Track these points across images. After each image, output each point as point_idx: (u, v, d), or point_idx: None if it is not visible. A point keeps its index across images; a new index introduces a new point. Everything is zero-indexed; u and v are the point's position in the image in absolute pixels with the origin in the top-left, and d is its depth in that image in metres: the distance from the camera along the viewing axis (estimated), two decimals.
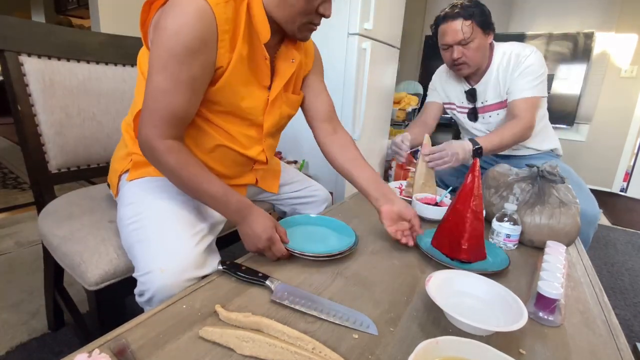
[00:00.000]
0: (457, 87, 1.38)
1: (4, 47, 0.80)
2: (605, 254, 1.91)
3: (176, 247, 0.62)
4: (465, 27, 1.16)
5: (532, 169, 0.87)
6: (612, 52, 2.97)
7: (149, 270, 0.59)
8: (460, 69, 1.26)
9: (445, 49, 1.25)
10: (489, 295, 0.56)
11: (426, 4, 3.70)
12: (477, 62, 1.23)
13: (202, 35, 0.59)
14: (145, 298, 0.60)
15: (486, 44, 1.22)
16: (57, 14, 4.63)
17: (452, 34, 1.18)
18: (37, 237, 1.59)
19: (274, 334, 0.46)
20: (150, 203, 0.68)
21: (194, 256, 0.62)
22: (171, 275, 0.58)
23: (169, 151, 0.62)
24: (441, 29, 1.22)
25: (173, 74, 0.59)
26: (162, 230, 0.64)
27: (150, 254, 0.61)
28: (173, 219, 0.66)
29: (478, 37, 1.18)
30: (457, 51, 1.20)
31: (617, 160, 3.10)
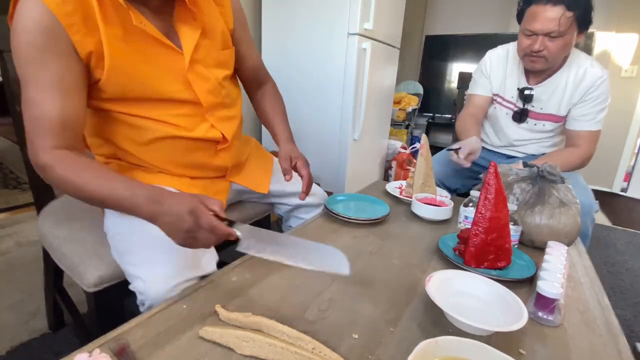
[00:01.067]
0: (514, 79, 1.22)
1: (3, 48, 0.80)
2: (606, 254, 1.91)
3: (165, 251, 0.59)
4: (564, 18, 0.98)
5: (532, 169, 0.87)
6: (612, 52, 2.96)
7: (142, 279, 0.58)
8: (534, 62, 1.09)
9: (528, 34, 1.06)
10: (489, 295, 0.56)
11: (426, 4, 3.70)
12: (557, 60, 1.08)
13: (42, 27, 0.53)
14: (146, 307, 0.59)
15: (573, 43, 1.07)
16: None
17: (546, 21, 1.00)
18: (38, 238, 1.59)
19: (274, 334, 0.46)
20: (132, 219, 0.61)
21: (185, 258, 0.60)
22: (166, 280, 0.57)
23: (56, 161, 0.55)
24: (532, 11, 1.03)
25: (35, 81, 0.55)
26: (148, 236, 0.60)
27: (139, 264, 0.60)
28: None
29: (571, 33, 1.02)
30: (541, 42, 1.03)
31: (618, 160, 3.10)
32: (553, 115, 1.20)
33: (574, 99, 1.14)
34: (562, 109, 1.17)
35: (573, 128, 1.18)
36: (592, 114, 1.14)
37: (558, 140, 1.30)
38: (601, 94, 1.12)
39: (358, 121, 1.86)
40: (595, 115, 1.14)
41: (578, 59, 1.14)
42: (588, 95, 1.12)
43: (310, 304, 0.54)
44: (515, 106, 1.25)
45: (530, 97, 1.19)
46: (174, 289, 0.57)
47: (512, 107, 1.26)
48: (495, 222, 0.66)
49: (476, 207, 0.67)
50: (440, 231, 0.87)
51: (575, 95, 1.14)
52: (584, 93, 1.12)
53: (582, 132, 1.16)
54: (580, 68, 1.13)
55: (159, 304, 0.56)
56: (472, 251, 0.67)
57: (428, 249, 0.76)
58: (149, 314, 0.50)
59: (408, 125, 3.17)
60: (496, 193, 0.66)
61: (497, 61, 1.27)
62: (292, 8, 1.85)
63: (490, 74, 1.28)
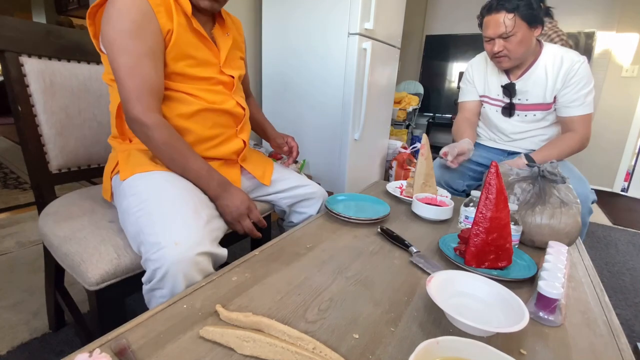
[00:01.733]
0: (495, 78, 1.33)
1: (4, 48, 0.80)
2: (606, 254, 1.91)
3: (187, 222, 0.64)
4: (507, 20, 1.12)
5: (532, 168, 0.87)
6: (613, 51, 2.96)
7: (162, 245, 0.60)
8: (500, 62, 1.22)
9: (487, 40, 1.21)
10: (490, 295, 0.56)
11: (426, 4, 3.70)
12: (519, 55, 1.19)
13: (143, 10, 0.69)
14: (157, 279, 0.60)
15: (531, 38, 1.17)
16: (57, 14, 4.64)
17: (494, 26, 1.15)
18: (38, 237, 1.59)
19: (275, 334, 0.46)
20: (151, 192, 0.69)
21: (204, 231, 0.64)
22: (186, 249, 0.60)
23: (156, 126, 0.70)
24: (485, 21, 1.19)
25: (133, 50, 0.68)
26: (170, 210, 0.66)
27: (161, 231, 0.62)
28: (179, 201, 0.68)
29: (522, 31, 1.14)
30: (498, 44, 1.17)
31: (618, 160, 3.10)
32: (540, 104, 1.27)
33: (557, 84, 1.22)
34: (548, 96, 1.24)
35: (565, 115, 1.24)
36: (580, 99, 1.20)
37: (554, 132, 1.33)
38: (583, 77, 1.19)
39: (358, 121, 1.86)
40: (584, 99, 1.21)
41: (552, 50, 1.23)
42: (570, 80, 1.20)
43: (310, 304, 0.54)
44: (502, 102, 1.34)
45: (514, 91, 1.28)
46: (195, 258, 0.60)
47: (499, 103, 1.34)
48: (496, 222, 0.66)
49: (477, 207, 0.67)
50: (440, 231, 0.87)
51: (558, 81, 1.21)
52: (565, 77, 1.20)
53: (575, 117, 1.22)
54: (557, 56, 1.21)
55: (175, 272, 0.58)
56: (473, 251, 0.67)
57: (429, 249, 0.76)
58: (150, 313, 0.50)
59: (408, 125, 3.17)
60: (497, 193, 0.65)
61: (477, 67, 1.40)
62: (292, 8, 1.85)
63: (474, 80, 1.41)
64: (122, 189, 0.73)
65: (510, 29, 1.13)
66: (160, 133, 0.71)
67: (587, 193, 1.13)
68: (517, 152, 1.37)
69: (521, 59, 1.21)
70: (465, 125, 1.40)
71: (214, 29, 0.87)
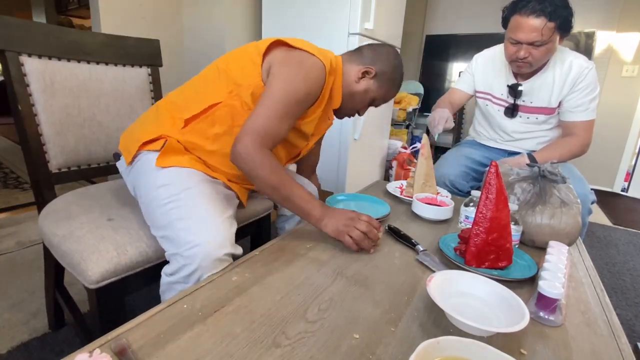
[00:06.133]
0: (502, 78, 1.29)
1: (4, 48, 0.80)
2: (607, 254, 1.91)
3: (217, 223, 0.68)
4: (546, 28, 1.02)
5: (533, 168, 0.87)
6: (613, 51, 2.96)
7: (195, 243, 0.63)
8: (520, 67, 1.16)
9: (513, 43, 1.12)
10: (490, 295, 0.55)
11: (426, 4, 3.70)
12: (540, 64, 1.14)
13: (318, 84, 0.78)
14: (185, 273, 0.63)
15: (556, 48, 1.13)
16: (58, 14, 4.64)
17: (529, 32, 1.04)
18: (38, 237, 1.59)
19: None
20: (186, 186, 0.72)
21: (229, 232, 0.68)
22: (214, 248, 0.64)
23: (269, 155, 0.72)
24: (516, 21, 1.07)
25: (288, 111, 0.74)
26: (202, 208, 0.69)
27: (196, 228, 0.66)
28: (208, 201, 0.71)
29: (553, 41, 1.07)
30: (525, 50, 1.09)
31: (618, 160, 3.10)
32: (544, 108, 1.25)
33: (564, 90, 1.19)
34: (553, 101, 1.23)
35: (568, 119, 1.23)
36: (584, 105, 1.18)
37: (556, 135, 1.33)
38: (590, 84, 1.16)
39: (358, 121, 1.86)
40: (588, 105, 1.19)
41: (562, 54, 1.20)
42: (577, 85, 1.17)
43: (311, 304, 0.54)
44: (505, 102, 1.31)
45: (520, 93, 1.25)
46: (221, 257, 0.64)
47: (503, 103, 1.32)
48: (496, 221, 0.66)
49: (477, 207, 0.67)
50: (441, 231, 0.87)
51: (565, 87, 1.19)
52: (573, 84, 1.17)
53: (578, 122, 1.20)
54: (565, 62, 1.18)
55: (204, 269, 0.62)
56: (473, 251, 0.67)
57: (429, 249, 0.76)
58: (150, 313, 0.50)
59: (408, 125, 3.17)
60: (497, 193, 0.65)
61: (483, 62, 1.36)
62: (292, 8, 1.85)
63: (475, 73, 1.38)
64: (152, 174, 0.75)
65: (546, 38, 1.04)
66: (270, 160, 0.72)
67: (586, 193, 1.13)
68: (518, 153, 1.37)
69: (539, 66, 1.16)
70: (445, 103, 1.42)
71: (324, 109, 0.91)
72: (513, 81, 1.26)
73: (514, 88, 1.25)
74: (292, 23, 1.86)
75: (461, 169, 1.36)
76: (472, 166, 1.40)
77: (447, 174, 1.36)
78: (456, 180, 1.37)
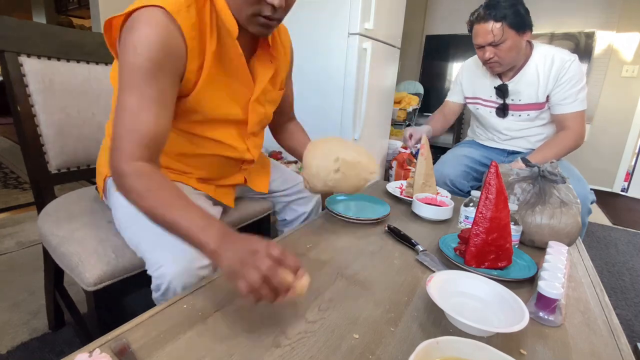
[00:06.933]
0: (487, 81, 1.36)
1: (3, 48, 0.80)
2: (607, 254, 1.91)
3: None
4: (495, 29, 1.15)
5: (532, 168, 0.87)
6: (613, 51, 2.96)
7: (160, 264, 0.61)
8: (492, 67, 1.25)
9: (478, 48, 1.25)
10: (490, 295, 0.55)
11: (427, 4, 3.70)
12: (510, 61, 1.22)
13: (167, 47, 0.56)
14: (161, 292, 0.61)
15: (521, 43, 1.20)
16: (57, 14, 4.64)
17: (483, 35, 1.18)
18: (38, 237, 1.59)
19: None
20: None
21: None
22: (184, 264, 0.60)
23: (137, 174, 0.55)
24: (474, 29, 1.22)
25: (140, 91, 0.56)
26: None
27: (158, 248, 0.62)
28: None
29: (511, 38, 1.16)
30: (489, 51, 1.20)
31: (618, 160, 3.10)
32: (533, 104, 1.29)
33: (550, 84, 1.23)
34: (540, 95, 1.26)
35: (558, 112, 1.25)
36: (572, 96, 1.21)
37: (551, 131, 1.35)
38: (574, 75, 1.19)
39: (358, 121, 1.86)
40: (576, 96, 1.21)
41: (543, 49, 1.25)
42: (561, 78, 1.21)
43: (310, 304, 0.54)
44: (495, 103, 1.36)
45: (507, 92, 1.30)
46: (195, 272, 0.61)
47: (492, 104, 1.37)
48: (496, 222, 0.66)
49: (477, 207, 0.67)
50: (440, 231, 0.87)
51: (549, 80, 1.23)
52: (557, 76, 1.21)
53: (568, 114, 1.23)
54: (547, 56, 1.23)
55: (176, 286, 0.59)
56: (473, 251, 0.67)
57: (429, 249, 0.76)
58: (150, 313, 0.50)
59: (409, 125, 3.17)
60: (497, 193, 0.65)
61: (467, 69, 1.44)
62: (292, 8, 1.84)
63: (462, 81, 1.45)
64: (114, 198, 0.73)
65: (499, 38, 1.15)
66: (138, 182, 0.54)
67: (585, 193, 1.14)
68: (517, 151, 1.39)
69: (512, 64, 1.23)
70: (438, 117, 1.51)
71: (256, 55, 0.74)
72: (499, 82, 1.32)
73: (501, 89, 1.30)
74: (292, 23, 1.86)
75: (461, 169, 1.37)
76: (472, 166, 1.40)
77: (448, 174, 1.36)
78: (456, 180, 1.37)
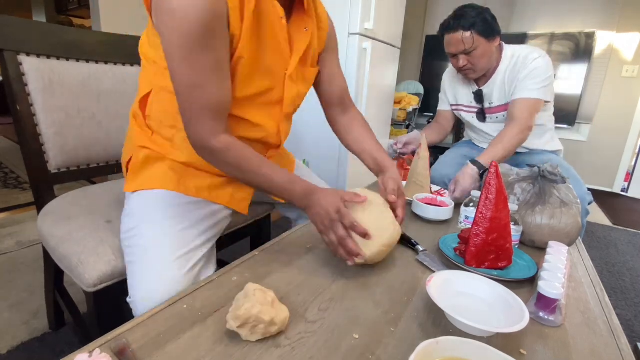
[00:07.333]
0: (465, 87, 1.39)
1: (3, 47, 0.80)
2: (607, 254, 1.91)
3: (161, 274, 0.60)
4: (465, 37, 1.17)
5: (532, 169, 0.87)
6: (613, 51, 2.96)
7: (133, 298, 0.61)
8: (467, 74, 1.28)
9: (451, 56, 1.27)
10: (490, 295, 0.55)
11: (427, 4, 3.70)
12: (483, 67, 1.24)
13: (214, 8, 0.52)
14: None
15: (491, 49, 1.22)
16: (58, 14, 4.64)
17: (455, 44, 1.20)
18: (38, 237, 1.59)
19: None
20: (143, 220, 0.65)
21: (181, 282, 0.60)
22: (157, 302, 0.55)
23: (227, 149, 0.61)
24: (445, 39, 1.25)
25: (198, 63, 0.54)
26: (149, 254, 0.62)
27: (135, 281, 0.62)
28: (162, 241, 0.63)
29: (482, 45, 1.19)
30: (462, 59, 1.22)
31: (618, 160, 3.10)
32: (502, 105, 1.31)
33: (514, 82, 1.24)
34: (508, 95, 1.27)
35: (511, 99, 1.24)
36: (527, 85, 1.20)
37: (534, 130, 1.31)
38: (535, 69, 1.19)
39: None
40: (532, 86, 1.19)
41: (510, 51, 1.26)
42: (523, 72, 1.21)
43: (310, 304, 0.54)
44: (475, 108, 1.40)
45: (481, 97, 1.33)
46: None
47: (472, 110, 1.41)
48: (496, 222, 0.66)
49: (477, 207, 0.67)
50: (440, 231, 0.87)
51: (513, 78, 1.24)
52: (519, 72, 1.22)
53: (517, 100, 1.21)
54: (514, 57, 1.24)
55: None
56: (473, 251, 0.67)
57: (429, 249, 0.76)
58: (150, 313, 0.50)
59: (409, 125, 3.17)
60: (497, 193, 0.65)
61: (449, 78, 1.47)
62: None
63: (446, 90, 1.49)
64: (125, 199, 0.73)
65: (470, 46, 1.18)
66: (229, 155, 0.62)
67: (583, 195, 1.14)
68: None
69: (485, 69, 1.26)
70: (433, 126, 1.52)
71: (292, 19, 0.68)
72: (476, 88, 1.35)
73: (477, 94, 1.34)
74: None
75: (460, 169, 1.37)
76: None
77: (448, 174, 1.37)
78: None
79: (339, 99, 0.89)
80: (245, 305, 0.44)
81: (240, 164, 0.63)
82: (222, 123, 0.61)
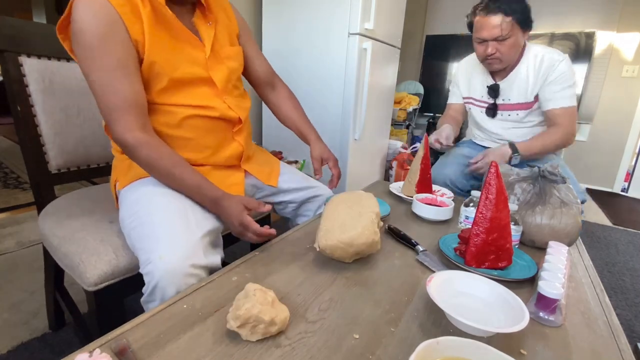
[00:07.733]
0: (481, 80, 1.35)
1: (3, 48, 0.80)
2: (607, 254, 1.91)
3: (174, 234, 0.62)
4: (505, 23, 1.12)
5: (532, 169, 0.87)
6: (613, 51, 2.96)
7: (149, 260, 0.60)
8: (491, 64, 1.23)
9: (479, 42, 1.21)
10: (490, 295, 0.55)
11: (427, 4, 3.69)
12: (510, 59, 1.20)
13: (104, 18, 0.62)
14: (148, 290, 0.60)
15: (522, 42, 1.19)
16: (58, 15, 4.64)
17: (490, 28, 1.14)
18: (38, 237, 1.59)
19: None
20: (145, 201, 0.68)
21: (193, 243, 0.62)
22: (172, 261, 0.58)
23: (140, 145, 0.66)
24: (478, 21, 1.18)
25: (102, 66, 0.63)
26: (159, 222, 0.64)
27: (149, 245, 0.62)
28: (169, 211, 0.66)
29: (515, 35, 1.14)
30: (492, 47, 1.17)
31: (619, 160, 3.10)
32: (521, 104, 1.28)
33: (538, 82, 1.22)
34: (529, 94, 1.25)
35: (548, 108, 1.24)
36: (560, 92, 1.20)
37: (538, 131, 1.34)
38: (563, 73, 1.18)
39: (359, 121, 1.86)
40: (565, 93, 1.20)
41: (534, 50, 1.23)
42: (549, 77, 1.20)
43: (311, 304, 0.54)
44: (486, 103, 1.36)
45: (498, 92, 1.30)
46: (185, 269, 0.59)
47: (483, 104, 1.37)
48: (496, 222, 0.66)
49: (477, 207, 0.67)
50: (441, 231, 0.87)
51: (538, 79, 1.22)
52: (546, 75, 1.20)
53: (557, 109, 1.22)
54: (537, 56, 1.22)
55: (164, 284, 0.57)
56: (473, 251, 0.67)
57: (429, 249, 0.76)
58: (150, 313, 0.50)
59: (409, 125, 3.17)
60: (497, 193, 0.65)
61: (463, 69, 1.44)
62: (292, 8, 1.85)
63: (459, 82, 1.46)
64: (120, 198, 0.74)
65: (507, 32, 1.12)
66: (142, 152, 0.66)
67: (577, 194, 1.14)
68: None
69: (511, 62, 1.22)
70: (447, 120, 1.49)
71: (195, 18, 0.77)
72: (491, 82, 1.31)
73: (493, 88, 1.29)
74: (292, 23, 1.86)
75: (461, 169, 1.37)
76: None
77: (448, 174, 1.37)
78: (457, 180, 1.38)
79: (266, 79, 0.99)
80: (246, 305, 0.44)
81: (151, 162, 0.67)
82: (137, 120, 0.66)
